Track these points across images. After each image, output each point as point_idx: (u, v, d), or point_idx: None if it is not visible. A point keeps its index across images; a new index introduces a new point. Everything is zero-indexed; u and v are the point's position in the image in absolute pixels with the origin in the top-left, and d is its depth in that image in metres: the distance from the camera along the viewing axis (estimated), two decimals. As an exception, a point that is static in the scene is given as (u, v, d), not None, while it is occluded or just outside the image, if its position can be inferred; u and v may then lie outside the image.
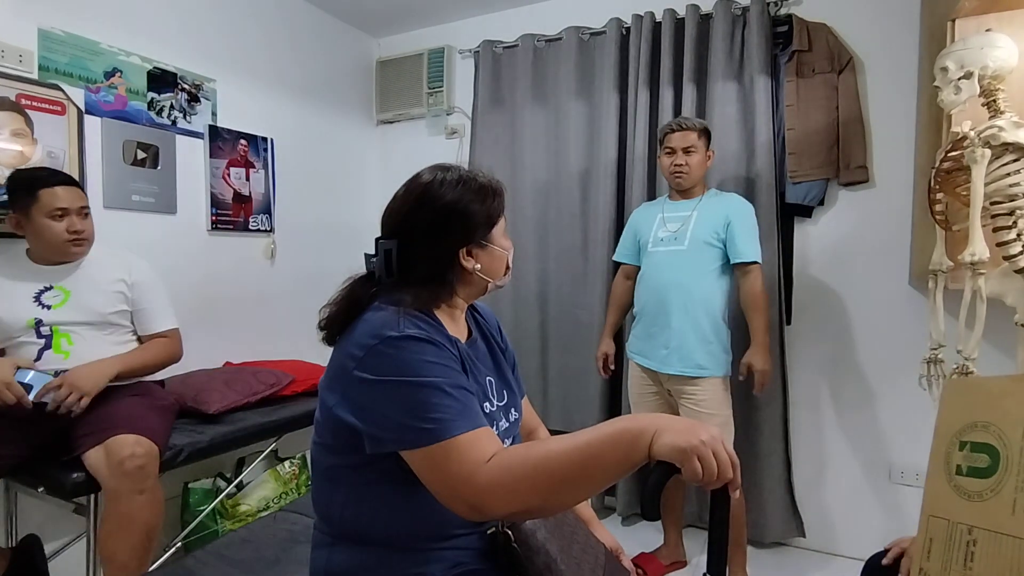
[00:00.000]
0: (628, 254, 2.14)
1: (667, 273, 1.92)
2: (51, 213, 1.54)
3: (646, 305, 1.99)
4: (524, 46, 2.64)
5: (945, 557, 0.85)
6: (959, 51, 1.42)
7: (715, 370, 1.88)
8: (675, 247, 1.93)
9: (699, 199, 1.97)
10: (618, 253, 2.19)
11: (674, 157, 1.93)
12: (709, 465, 0.68)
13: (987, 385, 1.01)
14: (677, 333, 1.89)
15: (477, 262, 0.94)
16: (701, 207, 1.94)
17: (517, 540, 0.88)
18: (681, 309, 1.89)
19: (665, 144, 1.96)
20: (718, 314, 1.90)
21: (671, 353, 1.90)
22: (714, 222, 1.89)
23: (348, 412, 0.82)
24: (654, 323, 1.95)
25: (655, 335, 1.94)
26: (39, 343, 1.56)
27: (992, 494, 0.83)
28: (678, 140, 1.92)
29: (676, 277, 1.90)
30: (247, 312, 2.47)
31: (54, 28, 1.84)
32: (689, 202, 1.97)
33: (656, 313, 1.94)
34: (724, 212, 1.90)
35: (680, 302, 1.89)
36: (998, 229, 1.38)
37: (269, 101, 2.56)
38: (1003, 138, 1.33)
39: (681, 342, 1.88)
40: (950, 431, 0.92)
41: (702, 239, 1.89)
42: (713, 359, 1.88)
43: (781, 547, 2.28)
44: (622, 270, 2.17)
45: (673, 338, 1.89)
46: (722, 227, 1.88)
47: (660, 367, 1.94)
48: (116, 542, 1.41)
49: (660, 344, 1.93)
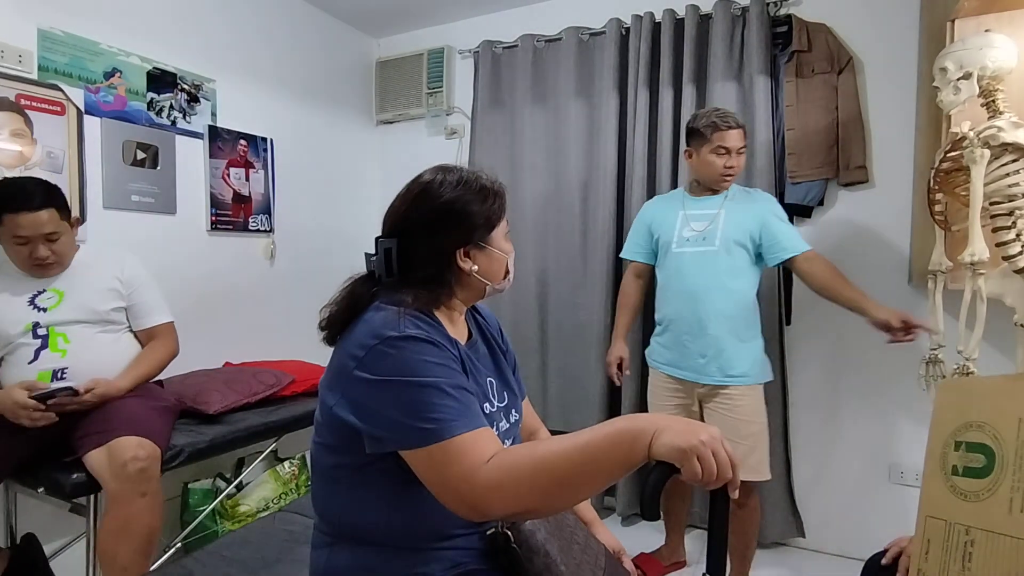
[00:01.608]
0: (640, 252, 2.01)
1: (698, 276, 1.80)
2: (12, 240, 1.52)
3: (675, 312, 1.86)
4: (524, 46, 2.64)
5: (943, 558, 0.85)
6: (958, 52, 1.42)
7: (757, 377, 1.80)
8: (704, 247, 1.80)
9: (724, 195, 1.84)
10: (627, 250, 2.06)
11: (727, 158, 1.78)
12: (708, 465, 0.68)
13: (981, 385, 1.02)
14: (715, 340, 1.77)
15: (475, 263, 0.94)
16: (729, 204, 1.82)
17: (517, 540, 0.88)
18: (718, 314, 1.77)
19: (715, 142, 1.78)
20: (754, 319, 1.82)
21: (709, 362, 1.78)
22: (746, 222, 1.78)
23: (348, 412, 0.82)
24: (687, 331, 1.82)
25: (688, 344, 1.82)
26: (35, 343, 1.56)
27: (988, 494, 0.83)
28: (734, 139, 1.77)
29: (709, 280, 1.78)
30: (247, 312, 2.46)
31: (54, 28, 1.84)
32: (714, 198, 1.85)
33: (689, 320, 1.81)
34: (756, 212, 1.79)
35: (716, 307, 1.77)
36: (997, 229, 1.38)
37: (269, 101, 2.56)
38: (1002, 138, 1.34)
39: (720, 349, 1.77)
40: (945, 431, 0.92)
41: (733, 239, 1.77)
42: (756, 365, 1.80)
43: (781, 547, 2.28)
44: (632, 268, 2.05)
45: (711, 346, 1.78)
46: (755, 229, 1.77)
47: (697, 377, 1.82)
48: (117, 544, 1.41)
49: (696, 353, 1.81)
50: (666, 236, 1.89)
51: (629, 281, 2.07)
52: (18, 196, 1.50)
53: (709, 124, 1.79)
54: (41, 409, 1.44)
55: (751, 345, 1.81)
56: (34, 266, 1.56)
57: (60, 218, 1.55)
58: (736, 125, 1.78)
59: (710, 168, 1.81)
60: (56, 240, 1.56)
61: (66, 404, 1.48)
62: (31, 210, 1.50)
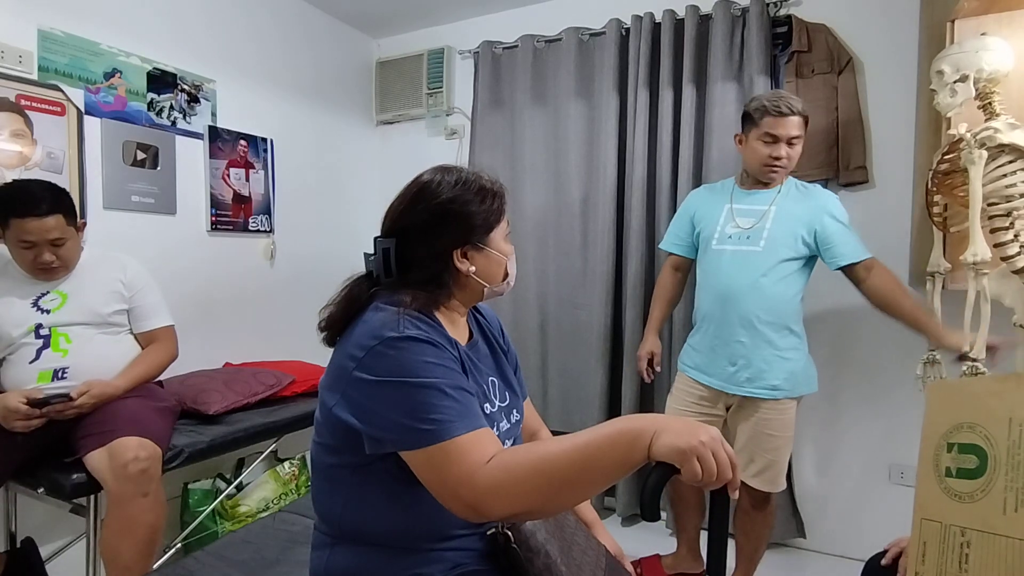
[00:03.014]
0: (681, 244, 1.89)
1: (737, 277, 1.68)
2: (18, 243, 1.51)
3: (709, 313, 1.74)
4: (524, 47, 2.64)
5: (940, 560, 0.85)
6: (954, 54, 1.43)
7: (792, 391, 1.67)
8: (747, 247, 1.66)
9: (778, 190, 1.69)
10: (667, 241, 1.95)
11: (774, 147, 1.62)
12: (708, 466, 0.68)
13: (971, 386, 1.02)
14: (747, 348, 1.66)
15: (472, 264, 0.93)
16: (781, 201, 1.67)
17: (517, 541, 0.88)
18: (753, 320, 1.65)
19: (764, 128, 1.63)
20: (797, 328, 1.69)
21: (739, 371, 1.67)
22: (798, 223, 1.65)
23: (348, 413, 0.82)
24: (718, 335, 1.71)
25: (718, 348, 1.71)
26: (37, 343, 1.56)
27: (983, 495, 0.83)
28: (787, 127, 1.60)
29: (746, 282, 1.66)
30: (247, 313, 2.47)
31: (54, 29, 1.84)
32: (767, 193, 1.70)
33: (721, 323, 1.70)
34: (813, 213, 1.64)
35: (752, 312, 1.64)
36: (995, 230, 1.39)
37: (269, 102, 2.56)
38: (999, 140, 1.34)
39: (751, 359, 1.66)
40: (937, 433, 0.92)
41: (782, 240, 1.64)
42: (792, 378, 1.66)
43: (781, 547, 2.28)
44: (670, 261, 1.95)
45: (742, 354, 1.67)
46: (808, 231, 1.64)
47: (726, 386, 1.71)
48: (119, 544, 1.41)
49: (726, 360, 1.70)
50: (708, 231, 1.77)
51: (666, 274, 1.97)
52: (25, 200, 1.49)
53: (760, 107, 1.63)
54: (34, 415, 1.44)
55: (789, 355, 1.67)
56: (39, 270, 1.56)
57: (67, 224, 1.55)
58: (792, 112, 1.60)
59: (755, 156, 1.67)
60: (62, 245, 1.55)
61: (62, 411, 1.48)
62: (38, 216, 1.49)
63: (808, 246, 1.66)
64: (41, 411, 1.45)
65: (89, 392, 1.51)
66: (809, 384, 1.74)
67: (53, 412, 1.47)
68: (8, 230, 1.50)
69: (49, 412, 1.47)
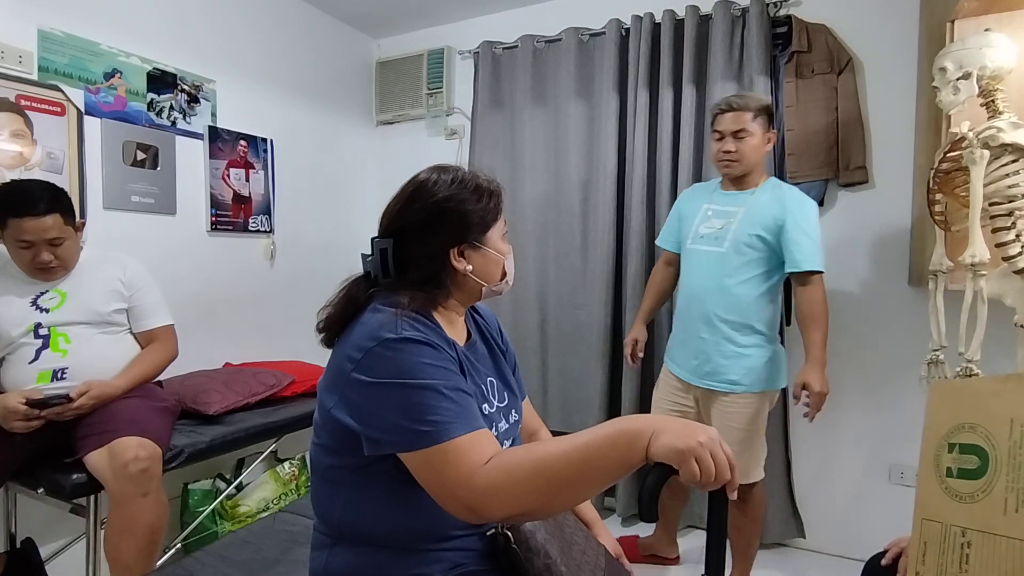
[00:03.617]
0: (671, 240, 1.96)
1: (703, 278, 1.76)
2: (16, 243, 1.51)
3: (680, 309, 1.85)
4: (524, 47, 2.64)
5: (940, 560, 0.85)
6: (957, 51, 1.42)
7: (751, 386, 1.72)
8: (714, 248, 1.73)
9: (752, 192, 1.74)
10: (661, 237, 2.03)
11: (722, 142, 1.70)
12: (707, 466, 0.68)
13: (972, 386, 1.02)
14: (707, 344, 1.74)
15: (469, 264, 0.93)
16: (752, 202, 1.71)
17: (517, 541, 0.88)
18: (713, 319, 1.72)
19: (714, 126, 1.73)
20: (761, 326, 1.72)
21: (701, 365, 1.76)
22: (762, 221, 1.68)
23: (346, 414, 0.82)
24: (686, 330, 1.81)
25: (686, 342, 1.81)
26: (36, 343, 1.56)
27: (983, 495, 0.83)
28: (728, 122, 1.68)
29: (710, 282, 1.73)
30: (247, 313, 2.47)
31: (54, 29, 1.84)
32: (741, 194, 1.75)
33: (688, 319, 1.80)
34: (776, 211, 1.68)
35: (712, 310, 1.72)
36: (997, 230, 1.38)
37: (269, 102, 2.56)
38: (1002, 139, 1.34)
39: (710, 355, 1.74)
40: (938, 434, 0.92)
41: (744, 240, 1.69)
42: (751, 374, 1.71)
43: (781, 547, 2.28)
44: (664, 256, 2.02)
45: (703, 349, 1.75)
46: (772, 229, 1.67)
47: (691, 378, 1.80)
48: (121, 544, 1.41)
49: (691, 354, 1.79)
50: (685, 230, 1.85)
51: (659, 267, 2.06)
52: (23, 200, 1.49)
53: (713, 108, 1.76)
54: (34, 416, 1.44)
55: (749, 352, 1.72)
56: (37, 270, 1.56)
57: (64, 223, 1.55)
58: (732, 108, 1.68)
59: (711, 155, 1.78)
60: (60, 245, 1.55)
61: (61, 413, 1.48)
62: (36, 215, 1.49)
63: (769, 246, 1.69)
64: (41, 412, 1.45)
65: (89, 392, 1.51)
66: (772, 381, 1.76)
67: (52, 415, 1.47)
68: (6, 230, 1.50)
69: (49, 415, 1.46)
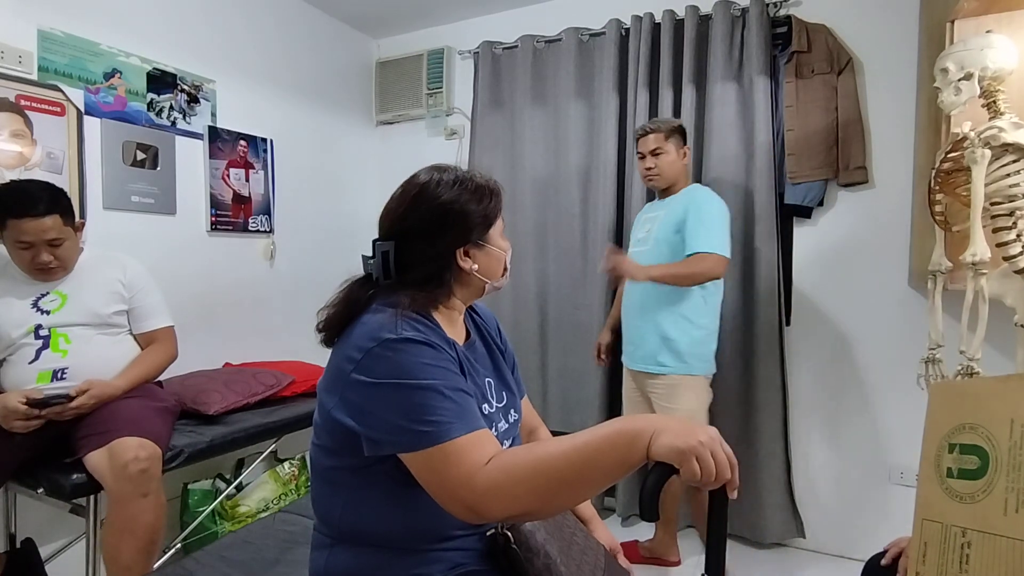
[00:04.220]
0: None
1: None
2: (16, 244, 1.51)
3: (624, 304, 2.09)
4: (524, 47, 2.64)
5: (940, 560, 0.85)
6: (959, 52, 1.42)
7: (678, 368, 1.89)
8: (643, 248, 1.98)
9: (672, 198, 1.98)
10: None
11: (644, 161, 1.99)
12: (707, 466, 0.68)
13: (973, 387, 1.02)
14: (639, 331, 1.98)
15: (474, 262, 0.94)
16: (671, 204, 1.96)
17: (517, 541, 0.88)
18: (640, 308, 1.96)
19: (637, 148, 2.02)
20: (685, 313, 1.88)
21: (636, 350, 2.00)
22: (674, 219, 1.90)
23: (346, 414, 0.82)
24: (626, 321, 2.06)
25: (626, 332, 2.07)
26: (36, 344, 1.56)
27: (984, 495, 0.83)
28: (644, 144, 1.97)
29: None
30: (247, 313, 2.47)
31: (54, 29, 1.84)
32: (665, 201, 2.01)
33: (626, 312, 2.06)
34: (684, 208, 1.89)
35: (640, 301, 1.97)
36: (998, 230, 1.38)
37: (269, 102, 2.56)
38: (1003, 139, 1.33)
39: (641, 340, 1.96)
40: (939, 434, 0.92)
41: (661, 237, 1.93)
42: (676, 357, 1.89)
43: (781, 547, 2.28)
44: None
45: (635, 335, 2.00)
46: (680, 224, 1.88)
47: (629, 363, 2.05)
48: (120, 545, 1.41)
49: (629, 341, 2.05)
50: (630, 238, 2.13)
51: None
52: (23, 201, 1.49)
53: (634, 132, 2.06)
54: (34, 415, 1.44)
55: (673, 336, 1.89)
56: (37, 271, 1.56)
57: (64, 224, 1.54)
58: (644, 132, 1.97)
59: (639, 171, 2.07)
60: (60, 245, 1.55)
61: (62, 412, 1.48)
62: (35, 216, 1.49)
63: (681, 238, 1.88)
64: (41, 412, 1.45)
65: (89, 392, 1.51)
66: (700, 365, 1.92)
67: (52, 414, 1.47)
68: (6, 231, 1.50)
69: (49, 414, 1.46)
